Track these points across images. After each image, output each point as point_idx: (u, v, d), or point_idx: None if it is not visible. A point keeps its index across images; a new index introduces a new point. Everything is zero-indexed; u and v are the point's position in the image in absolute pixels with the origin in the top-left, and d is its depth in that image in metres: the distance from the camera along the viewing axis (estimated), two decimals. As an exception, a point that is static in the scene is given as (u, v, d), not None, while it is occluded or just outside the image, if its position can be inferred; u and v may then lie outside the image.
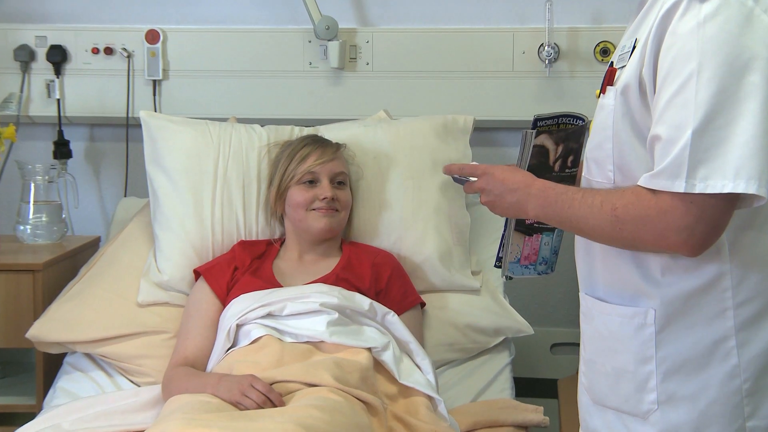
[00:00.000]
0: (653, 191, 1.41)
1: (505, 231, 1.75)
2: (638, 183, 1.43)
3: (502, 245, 1.77)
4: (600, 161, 1.55)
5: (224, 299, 2.31)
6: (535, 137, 1.68)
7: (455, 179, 1.77)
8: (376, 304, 2.24)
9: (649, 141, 1.43)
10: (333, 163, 2.41)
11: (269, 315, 2.18)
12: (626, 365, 1.55)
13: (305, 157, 2.39)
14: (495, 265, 1.80)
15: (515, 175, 1.62)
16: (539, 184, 1.59)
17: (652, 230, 1.41)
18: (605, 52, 2.91)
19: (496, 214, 1.67)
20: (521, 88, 2.99)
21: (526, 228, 1.74)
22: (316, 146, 2.42)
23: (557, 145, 1.70)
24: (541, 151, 1.69)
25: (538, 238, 1.76)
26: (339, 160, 2.44)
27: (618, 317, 1.55)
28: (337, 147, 2.46)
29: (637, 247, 1.49)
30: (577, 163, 1.73)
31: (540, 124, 1.70)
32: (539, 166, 1.68)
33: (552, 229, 1.76)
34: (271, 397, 1.96)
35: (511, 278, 1.80)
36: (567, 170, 1.71)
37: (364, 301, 2.23)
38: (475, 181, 1.68)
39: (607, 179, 1.54)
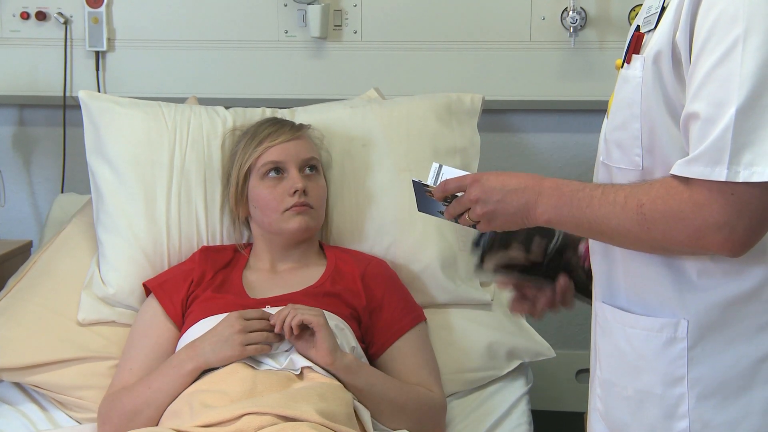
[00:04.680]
0: (687, 181, 1.42)
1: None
2: (671, 172, 1.44)
3: None
4: (624, 144, 1.56)
5: (179, 321, 2.31)
6: (494, 257, 1.79)
7: (423, 206, 1.77)
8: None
9: (684, 120, 1.44)
10: (297, 145, 2.40)
11: None
12: (652, 387, 1.56)
13: (261, 140, 2.40)
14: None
15: (517, 176, 1.62)
16: (550, 181, 1.59)
17: (685, 228, 1.42)
18: (641, 18, 2.92)
19: (492, 229, 1.65)
20: (540, 61, 3.00)
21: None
22: (272, 127, 2.42)
23: (524, 244, 1.77)
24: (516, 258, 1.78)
25: None
26: (304, 141, 2.43)
27: (643, 330, 1.56)
28: (300, 126, 2.46)
29: (669, 250, 1.50)
30: (555, 242, 1.79)
31: (483, 244, 1.79)
32: (528, 267, 1.80)
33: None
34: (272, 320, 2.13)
35: None
36: (551, 247, 1.78)
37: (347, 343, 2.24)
38: (462, 196, 1.66)
39: (634, 165, 1.55)
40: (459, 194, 1.66)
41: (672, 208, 1.43)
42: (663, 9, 1.51)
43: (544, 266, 1.84)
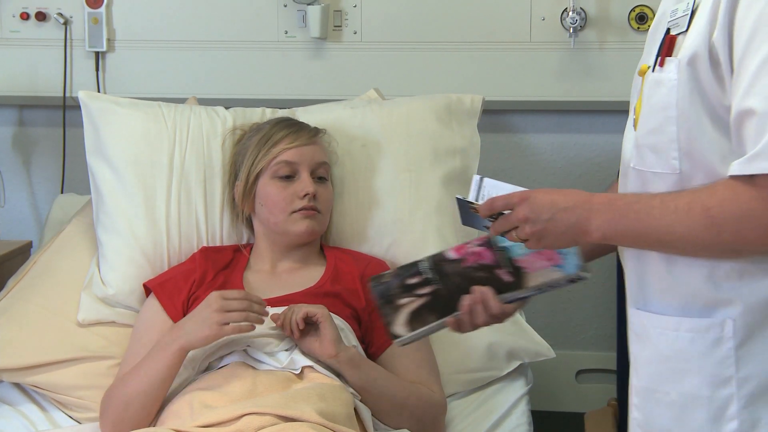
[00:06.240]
0: (751, 179, 1.42)
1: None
2: (730, 173, 1.44)
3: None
4: (659, 148, 1.55)
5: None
6: (395, 319, 1.84)
7: (468, 220, 1.75)
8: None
9: (737, 117, 1.44)
10: (312, 150, 2.40)
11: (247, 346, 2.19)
12: (699, 390, 1.55)
13: (277, 141, 2.39)
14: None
15: (565, 193, 1.61)
16: (601, 196, 1.58)
17: (758, 227, 1.43)
18: (642, 18, 2.92)
19: (542, 247, 1.63)
20: (540, 62, 2.99)
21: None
22: (290, 129, 2.43)
23: (405, 288, 1.85)
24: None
25: None
26: (319, 146, 2.44)
27: (687, 333, 1.56)
28: (316, 131, 2.47)
29: (740, 252, 1.50)
30: (423, 262, 1.86)
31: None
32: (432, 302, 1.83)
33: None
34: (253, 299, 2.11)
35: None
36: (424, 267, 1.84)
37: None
38: (509, 213, 1.64)
39: (671, 168, 1.54)
40: (506, 211, 1.64)
41: (741, 208, 1.43)
42: (694, 11, 1.52)
43: (444, 289, 1.84)
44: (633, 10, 2.93)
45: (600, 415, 2.79)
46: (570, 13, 2.91)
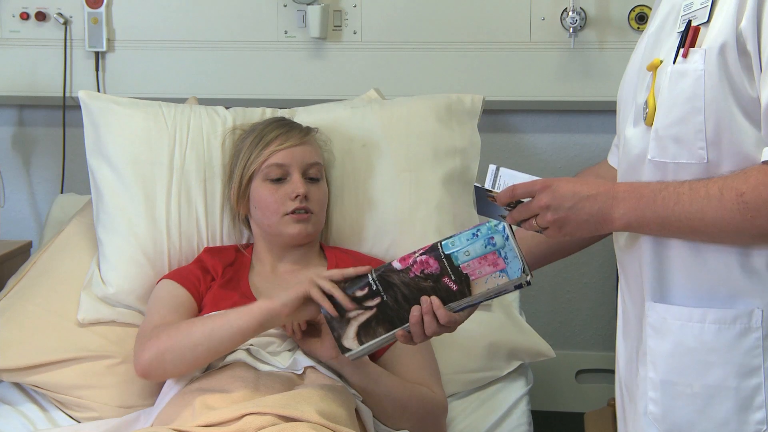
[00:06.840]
0: None
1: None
2: (763, 158, 1.45)
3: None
4: (685, 138, 1.55)
5: (199, 303, 2.31)
6: (345, 333, 1.89)
7: (484, 209, 1.73)
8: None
9: None
10: (303, 150, 2.40)
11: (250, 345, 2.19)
12: (725, 381, 1.56)
13: (268, 143, 2.39)
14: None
15: (587, 183, 1.62)
16: (624, 185, 1.59)
17: None
18: (642, 18, 2.92)
19: (562, 236, 1.63)
20: (540, 62, 3.00)
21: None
22: (281, 130, 2.42)
23: (355, 300, 1.88)
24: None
25: None
26: (310, 146, 2.43)
27: (713, 324, 1.56)
28: (308, 131, 2.46)
29: None
30: (371, 274, 1.88)
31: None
32: (381, 314, 1.86)
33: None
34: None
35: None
36: (373, 278, 1.86)
37: None
38: (529, 201, 1.64)
39: (697, 158, 1.54)
40: (525, 200, 1.64)
41: None
42: (714, 2, 1.53)
43: (391, 300, 1.86)
44: (633, 10, 2.93)
45: (600, 415, 2.79)
46: (570, 13, 2.91)
